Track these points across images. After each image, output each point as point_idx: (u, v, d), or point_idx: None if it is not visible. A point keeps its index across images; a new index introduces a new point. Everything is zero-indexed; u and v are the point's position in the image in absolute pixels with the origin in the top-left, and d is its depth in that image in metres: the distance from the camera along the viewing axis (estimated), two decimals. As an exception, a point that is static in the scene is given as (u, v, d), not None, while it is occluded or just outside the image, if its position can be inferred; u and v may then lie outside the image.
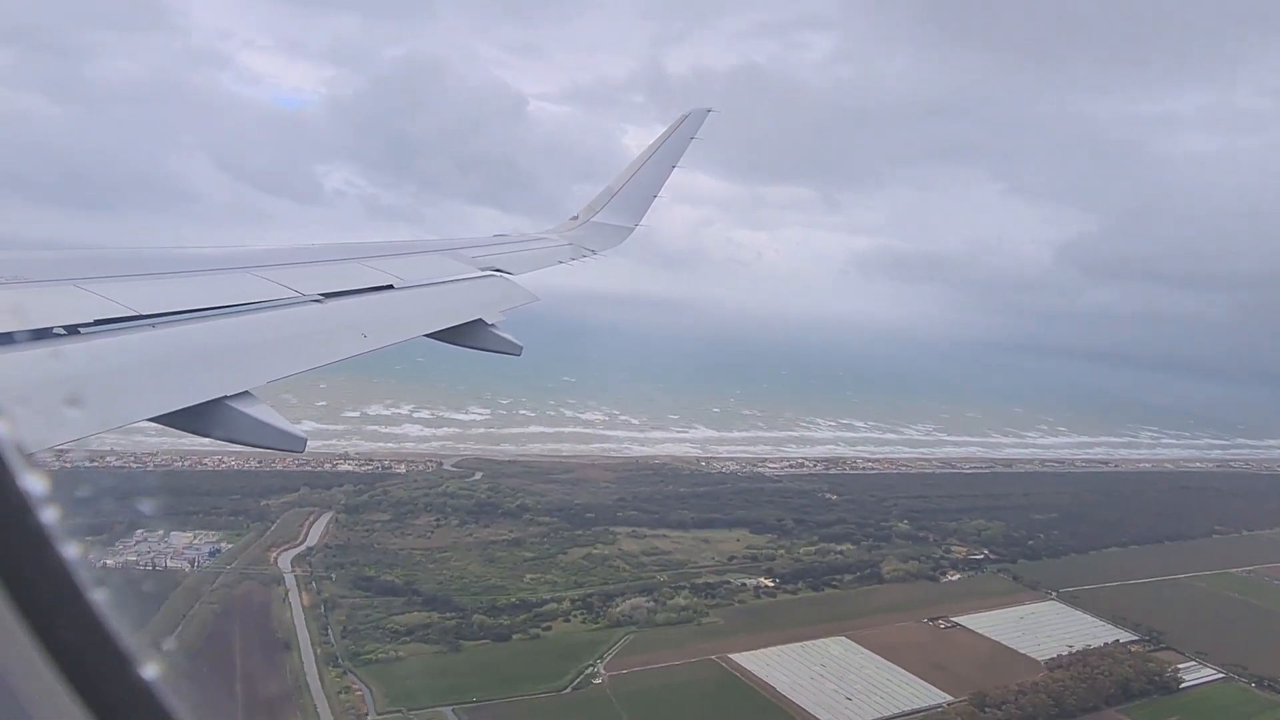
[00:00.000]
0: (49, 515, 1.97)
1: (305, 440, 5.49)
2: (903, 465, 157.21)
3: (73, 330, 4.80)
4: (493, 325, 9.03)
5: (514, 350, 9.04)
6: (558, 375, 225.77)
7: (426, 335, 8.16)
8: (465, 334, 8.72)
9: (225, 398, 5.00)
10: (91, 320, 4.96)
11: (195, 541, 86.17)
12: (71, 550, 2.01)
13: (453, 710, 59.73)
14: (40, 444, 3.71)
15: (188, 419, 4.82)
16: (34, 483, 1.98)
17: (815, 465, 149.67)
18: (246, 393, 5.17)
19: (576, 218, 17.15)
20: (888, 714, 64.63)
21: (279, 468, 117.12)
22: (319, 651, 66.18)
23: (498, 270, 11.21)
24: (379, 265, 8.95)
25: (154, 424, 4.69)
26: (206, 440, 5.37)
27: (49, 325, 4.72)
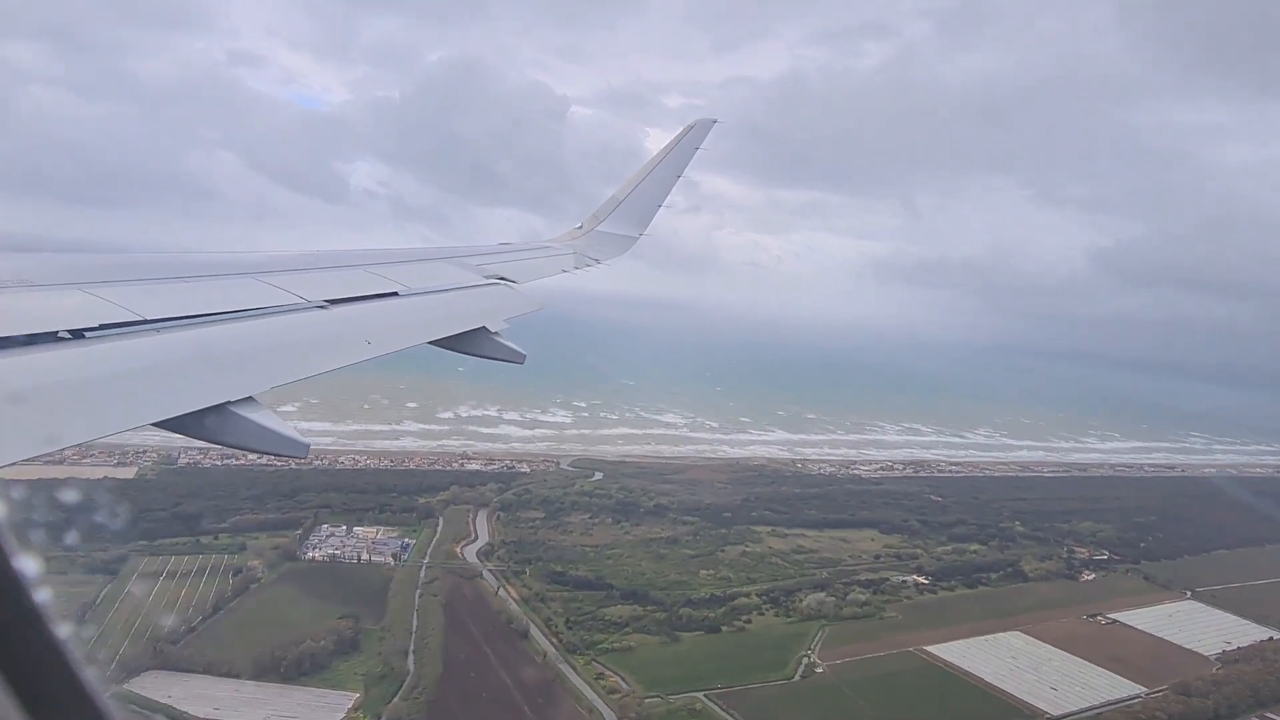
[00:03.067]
0: (42, 596, 1.89)
1: (308, 446, 5.49)
2: (985, 468, 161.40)
3: (78, 334, 4.82)
4: (496, 333, 9.03)
5: (517, 359, 9.04)
6: (616, 379, 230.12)
7: (430, 342, 8.24)
8: (469, 341, 8.75)
9: (229, 403, 5.02)
10: (96, 325, 5.00)
11: (379, 536, 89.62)
12: (62, 631, 1.92)
13: (705, 696, 63.36)
14: (41, 449, 3.77)
15: (192, 424, 4.85)
16: (28, 564, 1.89)
17: (904, 468, 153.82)
18: (250, 398, 5.19)
19: (581, 226, 17.08)
20: (1095, 703, 68.56)
21: (412, 467, 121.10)
22: (556, 641, 69.76)
23: (502, 278, 11.21)
24: (384, 272, 9.02)
25: (158, 428, 4.68)
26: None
27: (54, 329, 4.72)
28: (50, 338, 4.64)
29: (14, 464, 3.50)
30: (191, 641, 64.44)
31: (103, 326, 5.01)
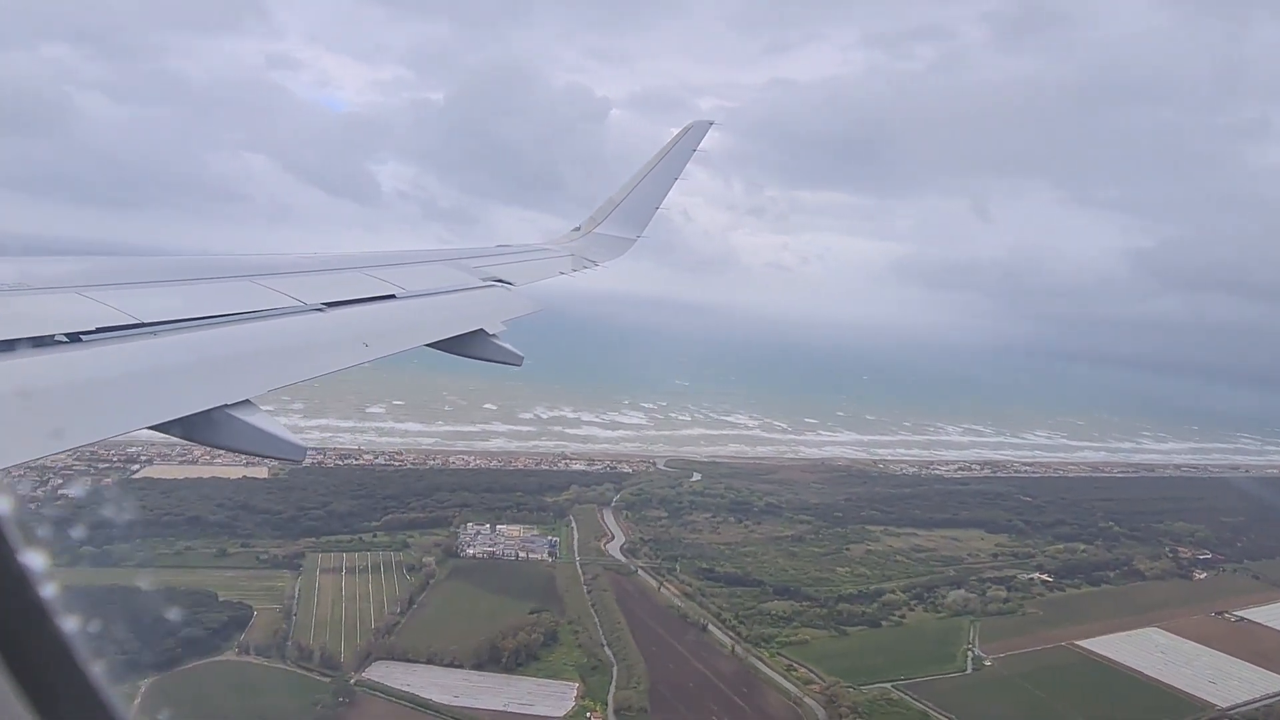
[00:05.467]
0: (48, 590, 1.93)
1: (305, 450, 5.52)
2: (1057, 469, 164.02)
3: (74, 338, 4.84)
4: (494, 335, 9.07)
5: (515, 361, 9.05)
6: (670, 380, 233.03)
7: (428, 345, 8.29)
8: (466, 344, 8.78)
9: (226, 406, 5.04)
10: (93, 328, 5.01)
11: (524, 535, 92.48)
12: (70, 625, 1.96)
13: (892, 686, 66.15)
14: (39, 452, 3.79)
15: (188, 427, 4.87)
16: (34, 559, 1.94)
17: (981, 468, 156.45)
18: (247, 401, 5.20)
19: (579, 228, 17.08)
20: (1255, 696, 71.14)
21: (520, 467, 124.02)
22: (734, 634, 72.56)
23: (499, 280, 11.24)
24: (382, 275, 9.07)
25: (155, 431, 4.70)
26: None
27: (50, 333, 4.73)
28: (47, 341, 4.65)
29: (12, 466, 3.54)
30: (401, 633, 67.30)
31: (99, 330, 5.02)
